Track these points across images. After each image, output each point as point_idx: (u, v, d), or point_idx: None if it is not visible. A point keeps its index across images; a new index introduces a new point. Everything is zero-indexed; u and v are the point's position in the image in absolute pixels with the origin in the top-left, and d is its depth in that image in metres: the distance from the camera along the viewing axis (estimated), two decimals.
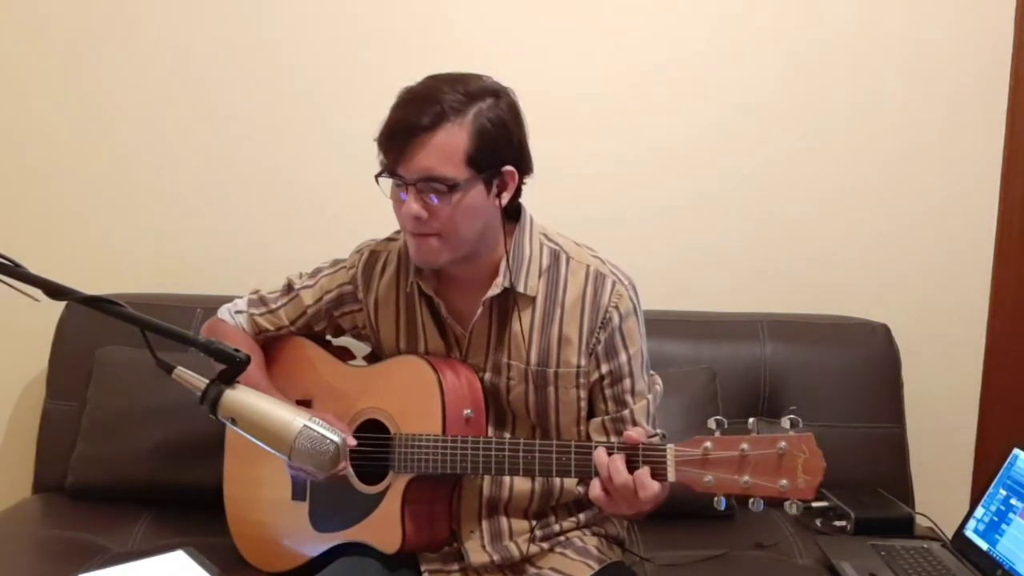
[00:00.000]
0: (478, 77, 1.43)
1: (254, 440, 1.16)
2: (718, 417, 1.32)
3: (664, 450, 1.33)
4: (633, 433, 1.37)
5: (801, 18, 2.27)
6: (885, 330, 2.19)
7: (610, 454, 1.35)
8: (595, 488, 1.37)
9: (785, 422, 1.28)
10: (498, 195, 1.45)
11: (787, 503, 1.27)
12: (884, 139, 2.30)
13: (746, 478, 1.28)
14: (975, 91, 2.29)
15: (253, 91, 2.29)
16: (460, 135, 1.37)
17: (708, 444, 1.31)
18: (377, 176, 1.44)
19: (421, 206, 1.39)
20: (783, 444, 1.27)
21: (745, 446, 1.29)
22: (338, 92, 2.28)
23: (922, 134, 2.30)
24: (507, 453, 1.44)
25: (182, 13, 2.27)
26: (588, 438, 1.55)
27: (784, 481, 1.26)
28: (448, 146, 1.37)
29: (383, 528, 1.52)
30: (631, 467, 1.34)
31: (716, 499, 1.31)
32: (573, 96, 2.26)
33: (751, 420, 1.31)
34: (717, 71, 2.29)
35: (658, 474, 1.33)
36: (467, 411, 1.50)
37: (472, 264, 1.50)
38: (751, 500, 1.29)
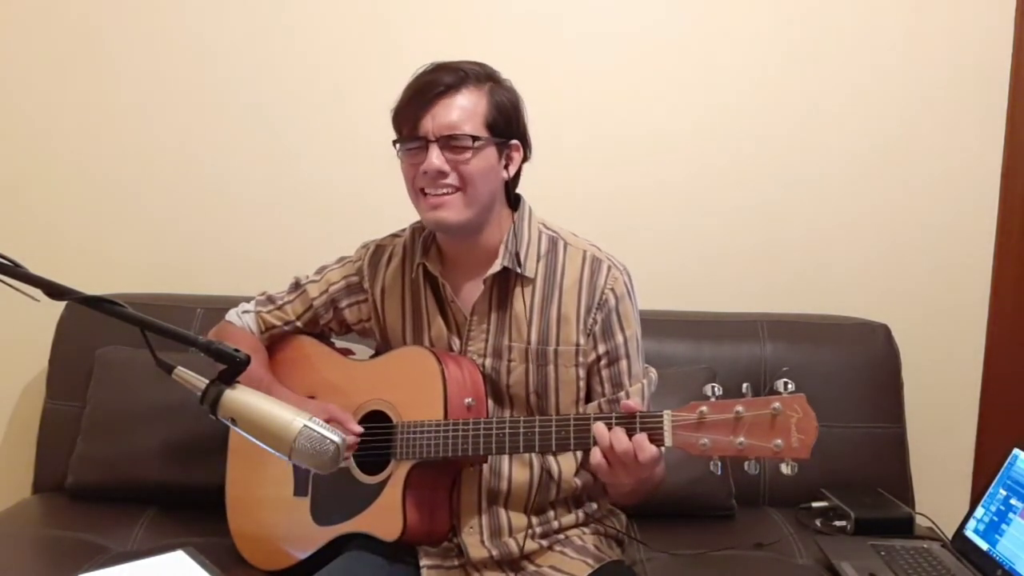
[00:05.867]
0: (489, 65, 1.54)
1: (254, 440, 1.16)
2: (714, 384, 1.35)
3: (661, 416, 1.36)
4: (630, 402, 1.40)
5: (802, 17, 2.27)
6: (885, 330, 2.19)
7: (609, 428, 1.37)
8: (596, 454, 1.38)
9: (778, 384, 1.31)
10: (505, 167, 1.53)
11: (783, 464, 1.29)
12: (884, 139, 2.30)
13: (741, 439, 1.30)
14: (975, 91, 2.29)
15: (254, 91, 2.29)
16: (481, 99, 1.49)
17: (704, 408, 1.33)
18: (395, 142, 1.51)
19: (443, 160, 1.46)
20: (776, 405, 1.29)
21: (740, 408, 1.31)
22: (339, 92, 2.29)
23: (922, 134, 2.30)
24: (507, 431, 1.46)
25: (182, 13, 2.27)
26: None
27: (779, 441, 1.29)
28: (470, 106, 1.48)
29: (384, 516, 1.53)
30: (629, 433, 1.36)
31: (712, 463, 1.33)
32: (571, 95, 2.27)
33: (745, 385, 1.33)
34: (717, 71, 2.29)
35: (655, 439, 1.35)
36: (468, 399, 1.52)
37: (475, 242, 1.55)
38: (747, 463, 1.31)
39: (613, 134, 2.30)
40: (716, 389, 1.34)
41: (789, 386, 1.31)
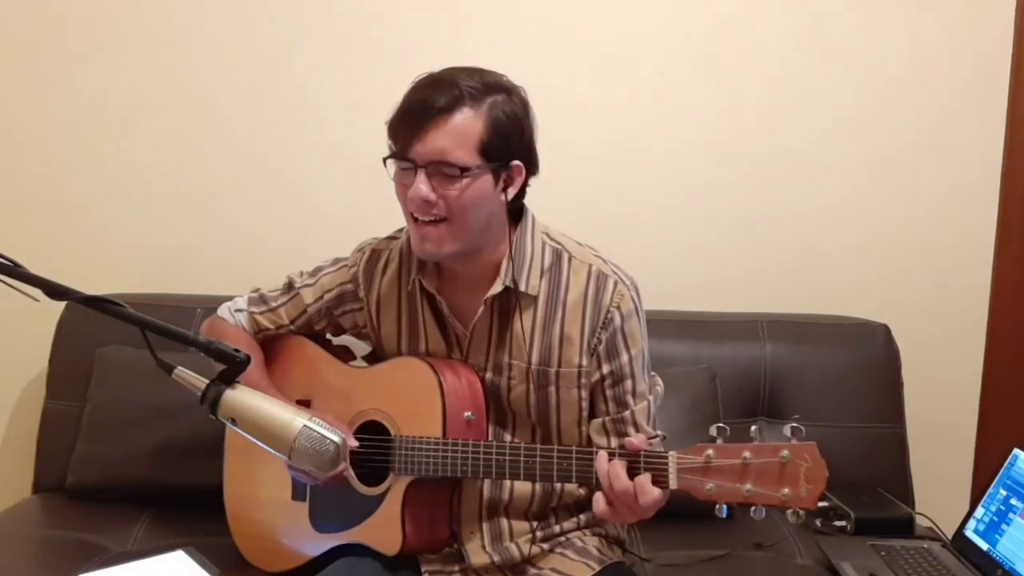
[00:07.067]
0: (493, 72, 1.45)
1: (254, 440, 1.16)
2: (720, 424, 1.31)
3: (666, 457, 1.32)
4: (635, 440, 1.36)
5: (801, 17, 2.27)
6: (885, 330, 2.19)
7: (611, 460, 1.35)
8: (600, 503, 1.36)
9: (787, 430, 1.27)
10: (504, 189, 1.45)
11: (789, 511, 1.27)
12: (884, 139, 2.30)
13: (748, 487, 1.27)
14: (975, 91, 2.29)
15: (254, 91, 2.29)
16: (476, 122, 1.39)
17: (710, 452, 1.30)
18: (386, 159, 1.44)
19: (430, 188, 1.39)
20: (785, 453, 1.26)
21: (747, 454, 1.28)
22: (339, 92, 2.28)
23: (922, 133, 2.30)
24: (507, 457, 1.44)
25: (182, 12, 2.27)
26: (589, 439, 1.55)
27: (786, 490, 1.26)
28: (463, 130, 1.38)
29: (383, 530, 1.52)
30: (632, 473, 1.33)
31: (718, 506, 1.30)
32: (573, 96, 2.26)
33: (753, 428, 1.30)
34: (717, 71, 2.29)
35: (659, 481, 1.32)
36: (468, 413, 1.50)
37: (474, 261, 1.50)
38: (753, 508, 1.28)
39: (615, 136, 2.30)
40: (724, 431, 1.30)
41: (801, 432, 1.27)
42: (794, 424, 1.27)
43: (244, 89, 2.29)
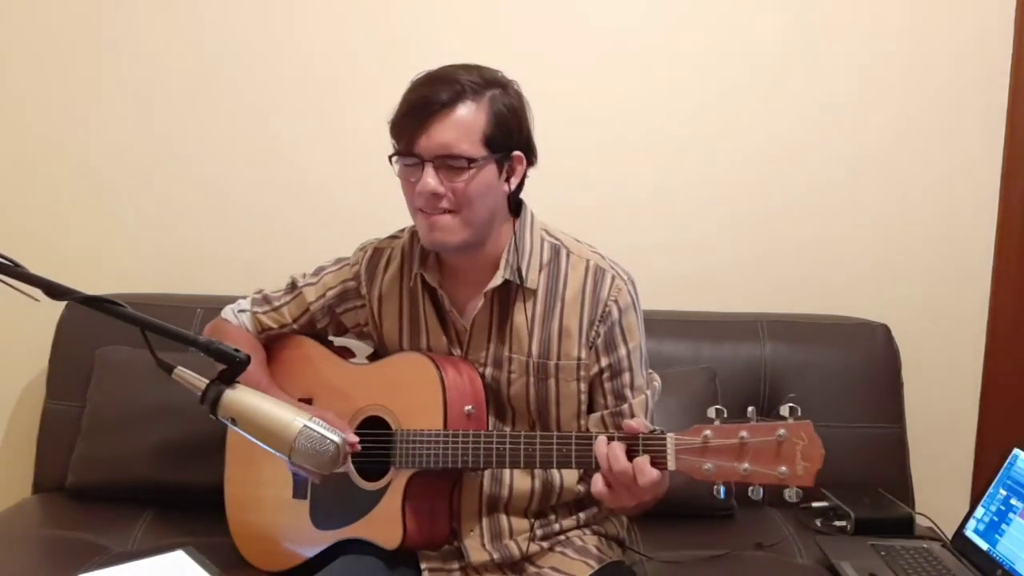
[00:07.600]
0: (489, 68, 1.48)
1: (254, 440, 1.17)
2: (718, 406, 1.33)
3: (664, 438, 1.34)
4: (633, 423, 1.38)
5: (802, 19, 2.27)
6: (885, 330, 2.19)
7: (610, 443, 1.36)
8: (597, 483, 1.37)
9: (784, 410, 1.29)
10: (507, 179, 1.49)
11: (786, 490, 1.28)
12: (885, 139, 2.30)
13: (745, 465, 1.29)
14: (975, 91, 2.29)
15: (254, 91, 2.29)
16: (478, 114, 1.42)
17: (708, 432, 1.32)
18: (391, 157, 1.47)
19: (438, 181, 1.42)
20: (782, 431, 1.28)
21: (744, 434, 1.30)
22: (339, 92, 2.28)
23: (922, 134, 2.30)
24: (508, 446, 1.45)
25: (183, 14, 2.27)
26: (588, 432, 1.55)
27: (783, 468, 1.28)
28: (466, 123, 1.41)
29: (384, 524, 1.52)
30: (631, 455, 1.35)
31: (715, 487, 1.32)
32: (573, 96, 2.26)
33: (750, 409, 1.32)
34: (716, 72, 2.29)
35: (658, 462, 1.34)
36: (468, 407, 1.51)
37: (476, 254, 1.52)
38: (751, 488, 1.30)
39: (614, 135, 2.30)
40: (721, 412, 1.32)
41: (797, 411, 1.29)
42: (791, 404, 1.29)
43: (245, 90, 2.29)
